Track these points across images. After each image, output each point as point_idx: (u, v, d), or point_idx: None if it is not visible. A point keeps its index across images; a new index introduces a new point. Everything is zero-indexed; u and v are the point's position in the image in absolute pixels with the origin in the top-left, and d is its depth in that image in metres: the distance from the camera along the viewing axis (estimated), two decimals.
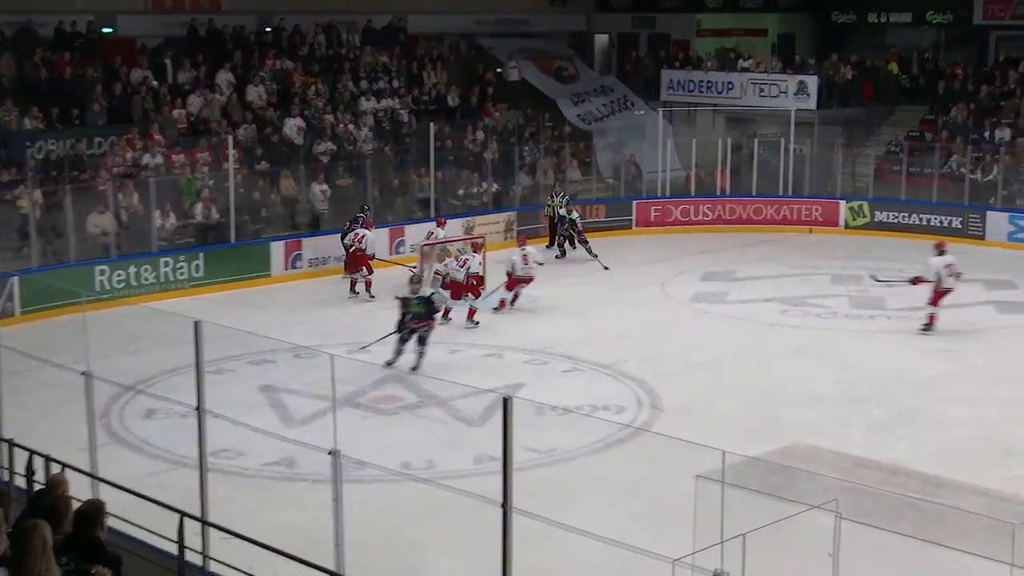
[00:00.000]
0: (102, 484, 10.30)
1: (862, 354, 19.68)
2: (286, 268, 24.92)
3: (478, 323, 21.24)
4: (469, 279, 21.61)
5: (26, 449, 10.19)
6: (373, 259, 23.56)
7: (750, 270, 26.11)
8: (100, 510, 7.57)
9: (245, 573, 9.25)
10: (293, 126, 27.78)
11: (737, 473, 10.69)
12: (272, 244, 25.00)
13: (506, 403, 7.99)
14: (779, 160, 31.69)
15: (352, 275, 23.80)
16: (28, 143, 24.46)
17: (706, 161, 32.24)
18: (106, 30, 29.09)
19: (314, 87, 29.57)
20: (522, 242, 23.67)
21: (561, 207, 27.79)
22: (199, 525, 9.70)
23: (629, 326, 20.99)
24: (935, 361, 19.23)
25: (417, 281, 18.52)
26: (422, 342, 18.41)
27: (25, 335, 17.79)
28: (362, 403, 16.69)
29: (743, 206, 31.16)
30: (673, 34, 38.63)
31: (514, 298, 22.46)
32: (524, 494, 8.57)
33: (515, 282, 22.40)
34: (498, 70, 34.87)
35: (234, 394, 16.41)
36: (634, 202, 30.97)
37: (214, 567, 9.64)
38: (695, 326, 21.62)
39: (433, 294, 19.10)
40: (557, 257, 26.98)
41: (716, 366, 18.95)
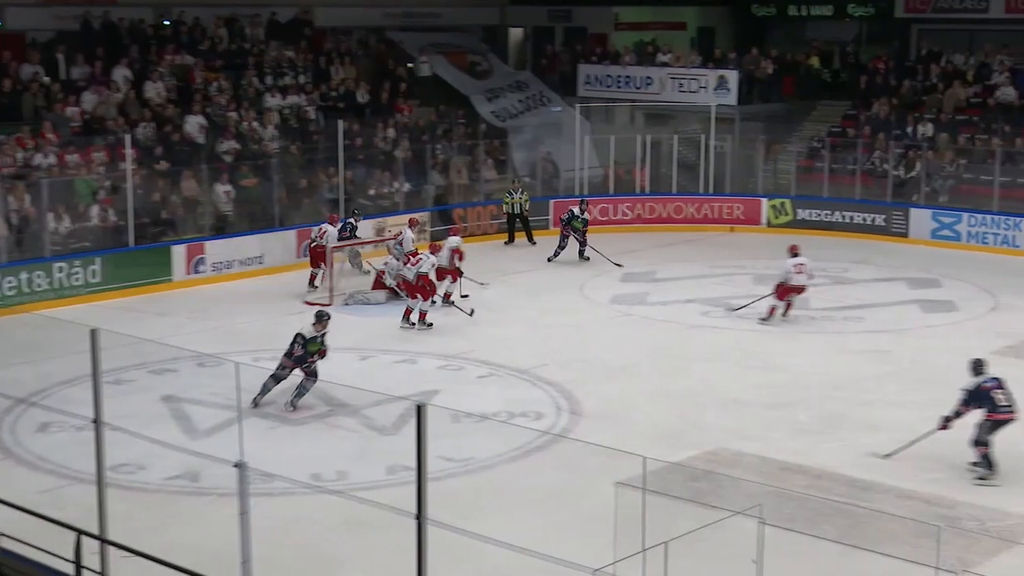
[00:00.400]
0: None
1: (786, 356, 19.91)
2: (188, 273, 24.67)
3: (431, 324, 21.23)
4: (419, 279, 21.41)
5: None
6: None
7: (671, 271, 26.32)
8: None
9: None
10: (195, 124, 27.51)
11: (658, 479, 10.78)
12: (173, 248, 24.71)
13: (420, 411, 7.98)
14: (699, 157, 32.01)
15: (315, 269, 24.01)
16: None
17: (625, 159, 32.44)
18: None
19: (216, 83, 29.32)
20: (434, 249, 23.42)
21: (520, 203, 28.83)
22: (97, 544, 9.58)
23: (547, 330, 21.06)
24: (860, 363, 19.51)
25: (325, 319, 17.09)
26: (313, 375, 17.02)
27: None
28: (269, 413, 16.54)
29: (663, 205, 31.41)
30: (590, 28, 38.82)
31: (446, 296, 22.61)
32: (440, 505, 8.58)
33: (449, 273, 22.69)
34: (409, 65, 34.78)
35: (134, 405, 16.24)
36: (551, 201, 31.07)
37: None
38: (615, 329, 21.74)
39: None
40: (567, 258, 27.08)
41: (636, 370, 19.07)
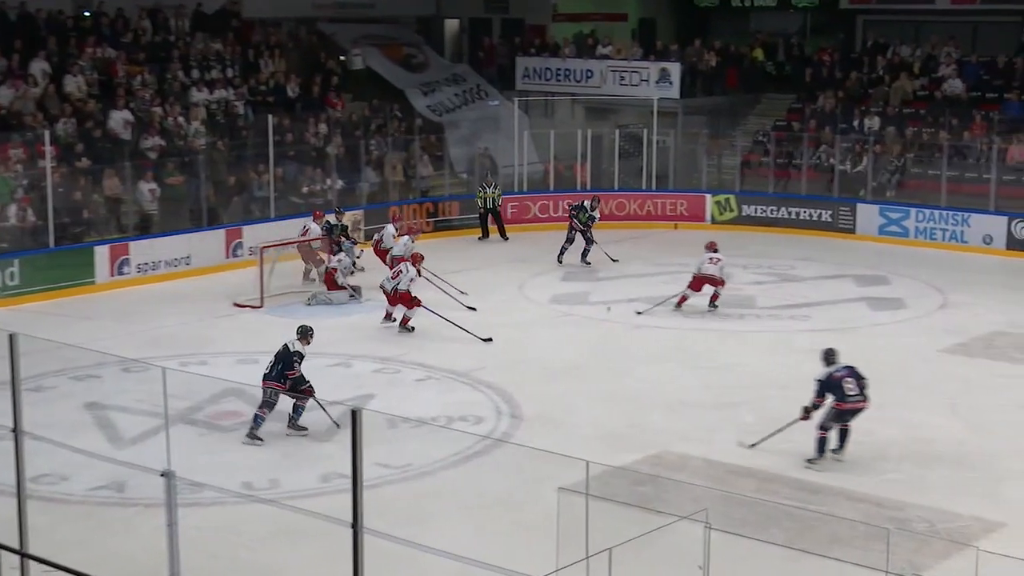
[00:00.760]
0: None
1: (732, 356, 20.05)
2: (112, 274, 24.45)
3: (412, 328, 21.06)
4: (397, 293, 21.15)
5: None
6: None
7: (613, 269, 26.40)
8: None
9: None
10: (119, 120, 27.26)
11: (602, 484, 10.83)
12: (96, 248, 24.49)
13: (355, 415, 7.96)
14: (642, 152, 32.15)
15: (307, 266, 24.54)
16: None
17: (565, 154, 32.53)
18: None
19: (140, 77, 29.07)
20: (410, 231, 23.50)
21: (493, 198, 29.19)
22: (17, 559, 9.48)
23: (486, 331, 21.06)
24: (807, 362, 19.51)
25: (310, 333, 16.27)
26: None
27: None
28: (198, 419, 16.45)
29: (604, 201, 31.46)
30: (528, 19, 38.88)
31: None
32: (376, 513, 8.56)
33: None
34: (341, 58, 34.68)
35: (56, 413, 16.07)
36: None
37: None
38: (555, 329, 21.79)
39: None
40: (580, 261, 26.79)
41: (579, 371, 19.11)
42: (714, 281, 22.44)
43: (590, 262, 26.58)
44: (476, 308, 22.34)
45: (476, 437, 15.74)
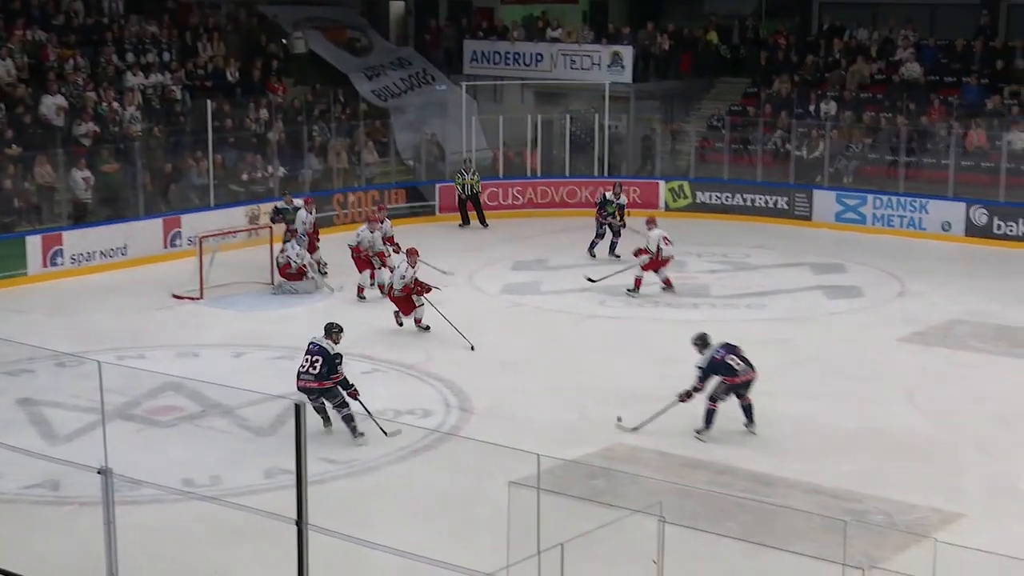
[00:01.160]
0: None
1: (685, 347, 20.06)
2: (45, 265, 24.29)
3: (428, 327, 20.70)
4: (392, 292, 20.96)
5: None
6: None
7: (564, 258, 26.48)
8: None
9: None
10: (50, 105, 27.05)
11: (554, 478, 10.88)
12: (28, 239, 24.33)
13: (299, 410, 7.99)
14: (593, 138, 32.23)
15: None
16: None
17: (515, 140, 32.59)
18: None
19: (72, 61, 28.86)
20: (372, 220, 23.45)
21: (472, 184, 29.37)
22: None
23: (434, 322, 21.07)
24: (763, 353, 19.66)
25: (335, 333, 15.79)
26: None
27: None
28: (136, 415, 16.38)
29: (555, 188, 31.60)
30: (475, 1, 38.86)
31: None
32: (322, 510, 8.58)
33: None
34: (283, 41, 34.53)
35: None
36: (437, 186, 31.11)
37: None
38: (506, 320, 21.84)
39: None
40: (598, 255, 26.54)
41: (529, 363, 19.16)
42: (667, 263, 22.84)
43: (619, 255, 25.77)
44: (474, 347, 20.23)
45: (424, 431, 15.76)
